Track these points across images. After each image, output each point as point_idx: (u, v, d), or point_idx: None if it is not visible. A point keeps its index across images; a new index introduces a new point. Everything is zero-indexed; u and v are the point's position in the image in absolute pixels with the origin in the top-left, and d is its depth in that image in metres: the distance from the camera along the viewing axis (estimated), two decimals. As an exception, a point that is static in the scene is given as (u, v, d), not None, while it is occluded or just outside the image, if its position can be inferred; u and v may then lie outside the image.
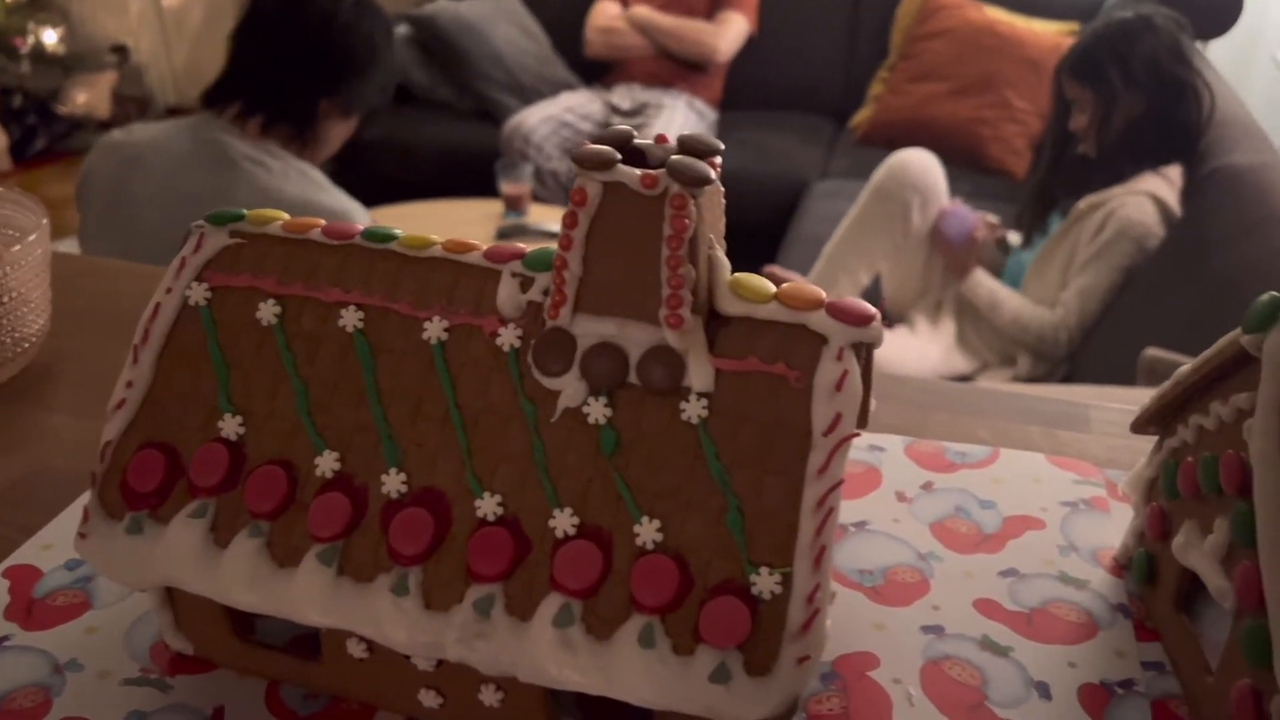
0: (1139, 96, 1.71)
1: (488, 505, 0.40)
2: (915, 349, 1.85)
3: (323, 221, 0.45)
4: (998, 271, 1.87)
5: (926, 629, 0.49)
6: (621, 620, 0.38)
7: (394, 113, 2.80)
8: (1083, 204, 1.76)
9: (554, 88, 2.76)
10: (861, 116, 2.77)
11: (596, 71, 2.83)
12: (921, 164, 1.86)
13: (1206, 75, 1.80)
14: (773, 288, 0.41)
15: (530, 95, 2.72)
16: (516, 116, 2.58)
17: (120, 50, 4.01)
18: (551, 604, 0.38)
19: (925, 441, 0.62)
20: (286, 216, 0.46)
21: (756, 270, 1.75)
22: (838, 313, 0.40)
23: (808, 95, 2.92)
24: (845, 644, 0.48)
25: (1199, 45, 2.39)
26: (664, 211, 0.38)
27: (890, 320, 1.96)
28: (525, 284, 0.42)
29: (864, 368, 0.44)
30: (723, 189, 0.42)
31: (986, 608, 0.50)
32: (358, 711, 0.45)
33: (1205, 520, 0.44)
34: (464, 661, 0.39)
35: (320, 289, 0.44)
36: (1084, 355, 1.77)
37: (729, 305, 0.41)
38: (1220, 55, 2.70)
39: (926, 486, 0.58)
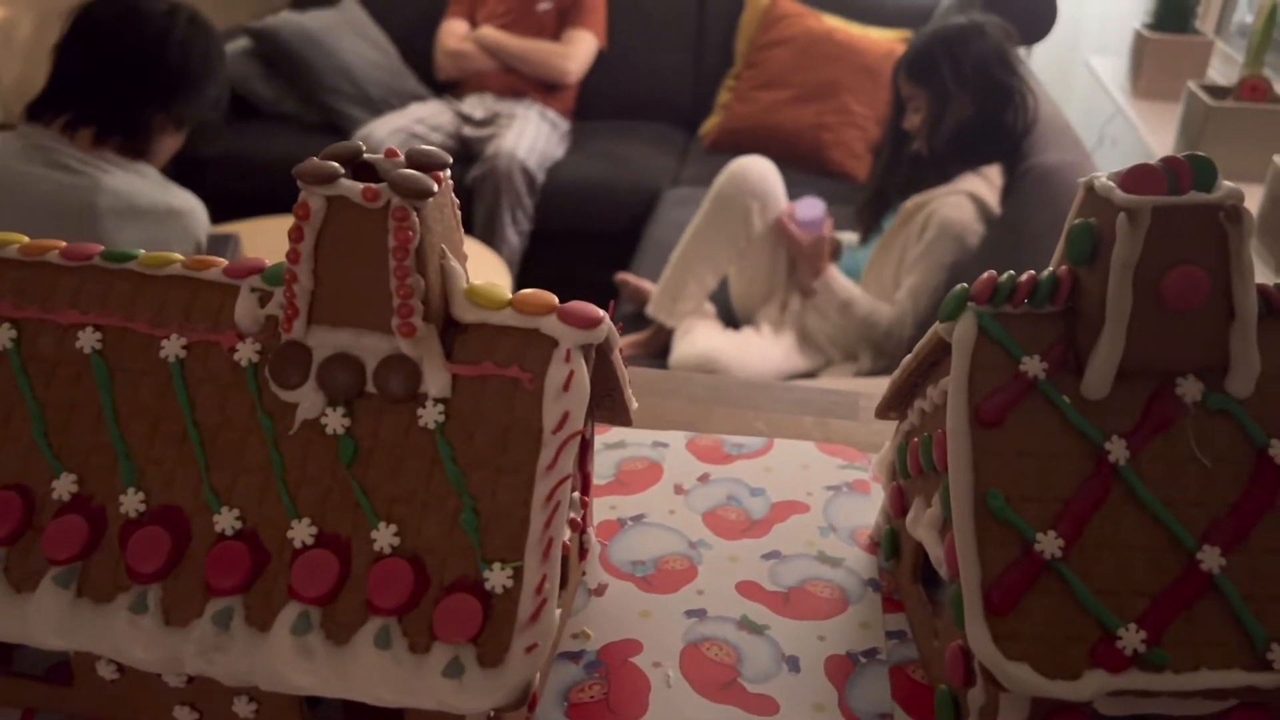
0: (968, 99, 1.79)
1: (226, 519, 0.40)
2: (759, 349, 1.90)
3: (62, 244, 0.45)
4: (833, 277, 1.94)
5: (690, 613, 0.51)
6: (359, 624, 0.39)
7: (237, 127, 2.72)
8: (910, 204, 1.84)
9: (403, 99, 2.73)
10: (710, 125, 2.83)
11: (447, 82, 2.81)
12: (759, 170, 1.91)
13: (1030, 82, 1.90)
14: (508, 295, 0.43)
15: (379, 107, 2.69)
16: (365, 128, 2.55)
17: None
18: (290, 613, 0.39)
19: (706, 436, 0.65)
20: (25, 239, 0.45)
21: (610, 278, 1.76)
22: (567, 317, 0.42)
23: (658, 105, 2.96)
24: (612, 633, 0.50)
25: (1022, 51, 2.53)
26: (388, 224, 0.39)
27: (738, 322, 2.01)
28: (264, 299, 0.43)
29: (606, 369, 0.46)
30: (456, 201, 0.43)
31: (748, 589, 0.53)
32: (115, 734, 0.44)
33: (928, 495, 0.48)
34: (204, 674, 0.39)
35: (57, 311, 0.43)
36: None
37: (465, 313, 0.42)
38: (1040, 61, 2.86)
39: (703, 478, 0.61)
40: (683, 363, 1.88)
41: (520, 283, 2.54)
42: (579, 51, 2.76)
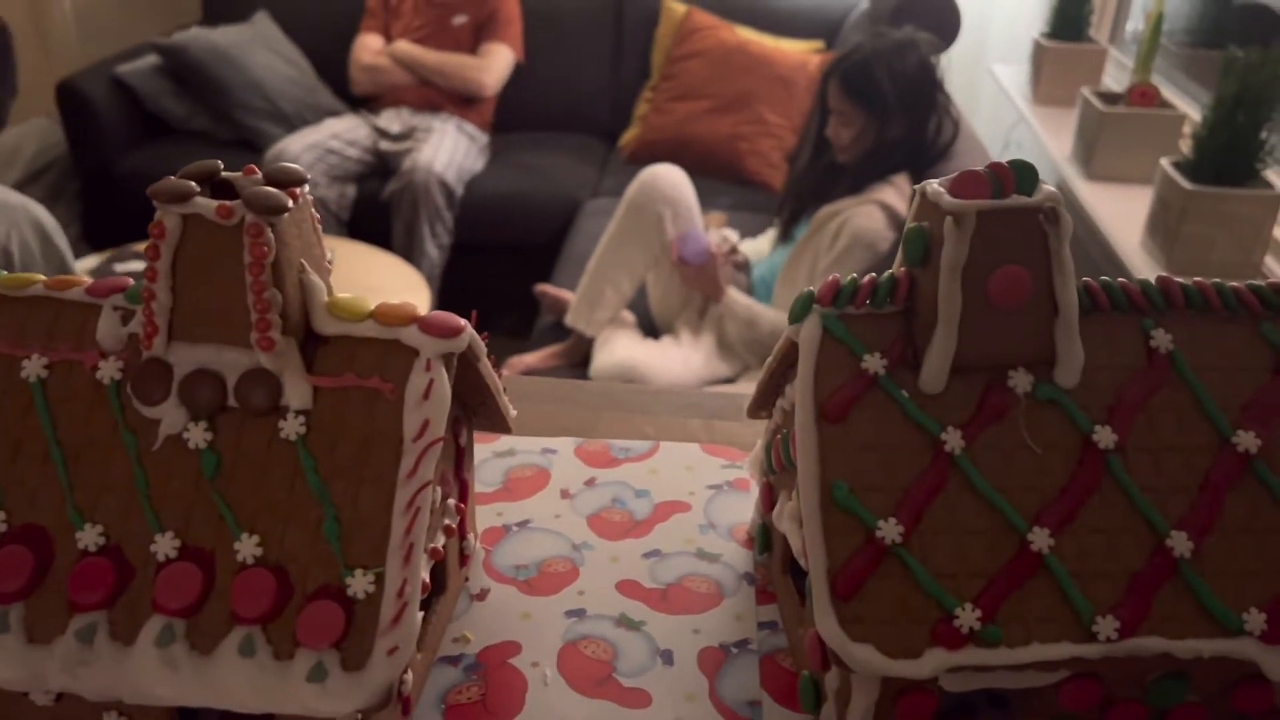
0: (902, 119, 1.80)
1: (89, 536, 0.40)
2: (680, 357, 1.92)
3: (-79, 266, 0.45)
4: (746, 289, 1.97)
5: (570, 613, 0.53)
6: (223, 634, 0.39)
7: (148, 144, 2.68)
8: (822, 213, 1.88)
9: (318, 114, 2.71)
10: (629, 136, 2.86)
11: (364, 97, 2.80)
12: (670, 178, 1.94)
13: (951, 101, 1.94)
14: (370, 306, 0.44)
15: (294, 122, 2.67)
16: (279, 145, 2.52)
17: None
18: (154, 625, 0.39)
19: (594, 441, 0.66)
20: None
21: (530, 289, 1.77)
22: (428, 327, 0.43)
23: (577, 116, 2.98)
24: (492, 635, 0.51)
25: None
26: (243, 240, 0.40)
27: (658, 331, 2.03)
28: (126, 317, 0.43)
29: (474, 378, 0.47)
30: (316, 215, 0.44)
31: (628, 588, 0.54)
32: (-16, 757, 0.44)
33: (790, 489, 0.50)
34: (69, 690, 0.39)
35: (-85, 334, 0.43)
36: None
37: (326, 325, 0.43)
38: (947, 69, 2.94)
39: (590, 482, 0.62)
40: (603, 372, 1.89)
41: (441, 297, 2.53)
42: (495, 64, 2.77)
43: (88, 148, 2.63)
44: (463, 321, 0.44)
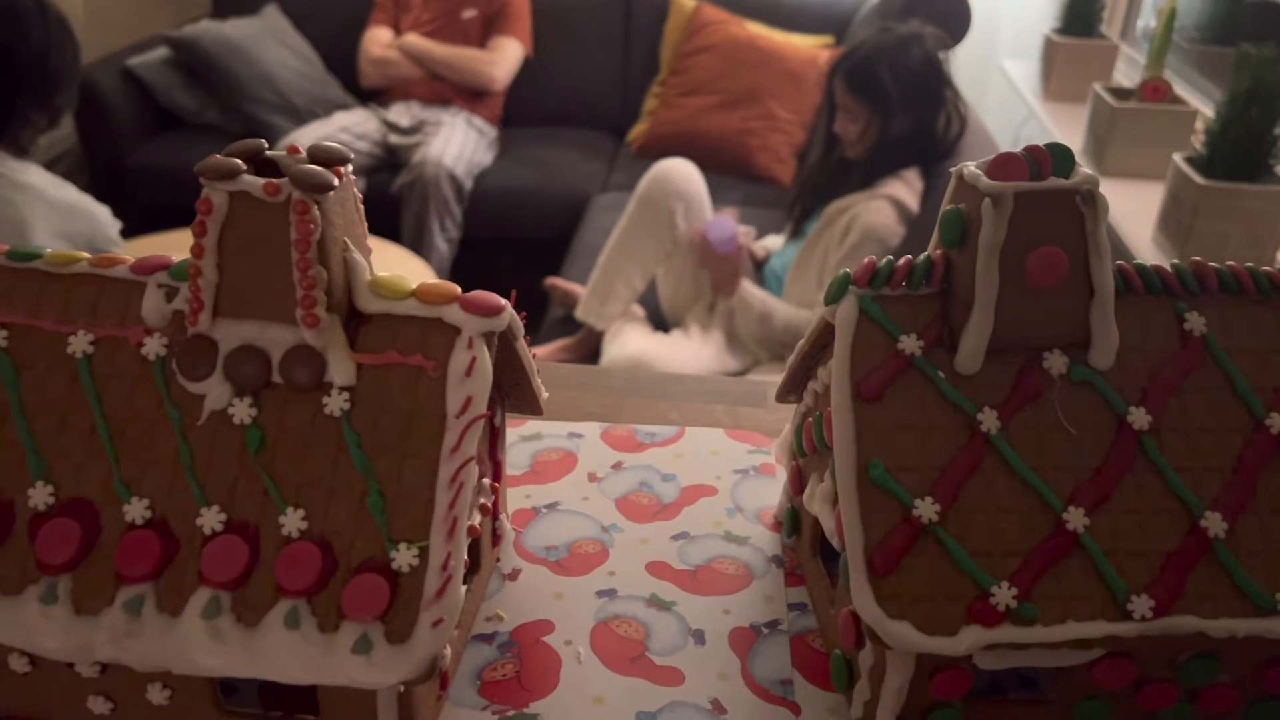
0: (909, 114, 1.81)
1: (135, 510, 0.41)
2: (690, 352, 1.93)
3: (-34, 244, 0.45)
4: (759, 282, 1.97)
5: (601, 593, 0.53)
6: (268, 606, 0.40)
7: (160, 137, 2.69)
8: (832, 208, 1.88)
9: (328, 108, 2.71)
10: (638, 131, 2.86)
11: (373, 90, 2.80)
12: (682, 172, 1.94)
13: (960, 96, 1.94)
14: (411, 285, 0.44)
15: (303, 116, 2.67)
16: (289, 138, 2.52)
17: None
18: (200, 597, 0.40)
19: (620, 425, 0.66)
20: (-73, 240, 0.46)
21: (540, 284, 1.78)
22: (469, 305, 0.43)
23: (586, 111, 2.98)
24: (525, 614, 0.52)
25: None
26: (289, 217, 0.41)
27: (667, 325, 2.04)
28: (170, 294, 0.44)
29: (512, 357, 0.48)
30: (359, 195, 0.44)
31: (657, 569, 0.55)
32: (28, 729, 0.45)
33: (821, 471, 0.50)
34: (116, 661, 0.40)
35: (-39, 310, 0.44)
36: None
37: (369, 304, 0.43)
38: (956, 65, 2.94)
39: (616, 466, 0.63)
40: (613, 366, 1.90)
41: (451, 290, 2.53)
42: (505, 58, 2.77)
43: (99, 140, 2.63)
44: (503, 301, 0.44)
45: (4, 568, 0.41)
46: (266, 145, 0.43)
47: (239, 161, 0.41)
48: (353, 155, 0.43)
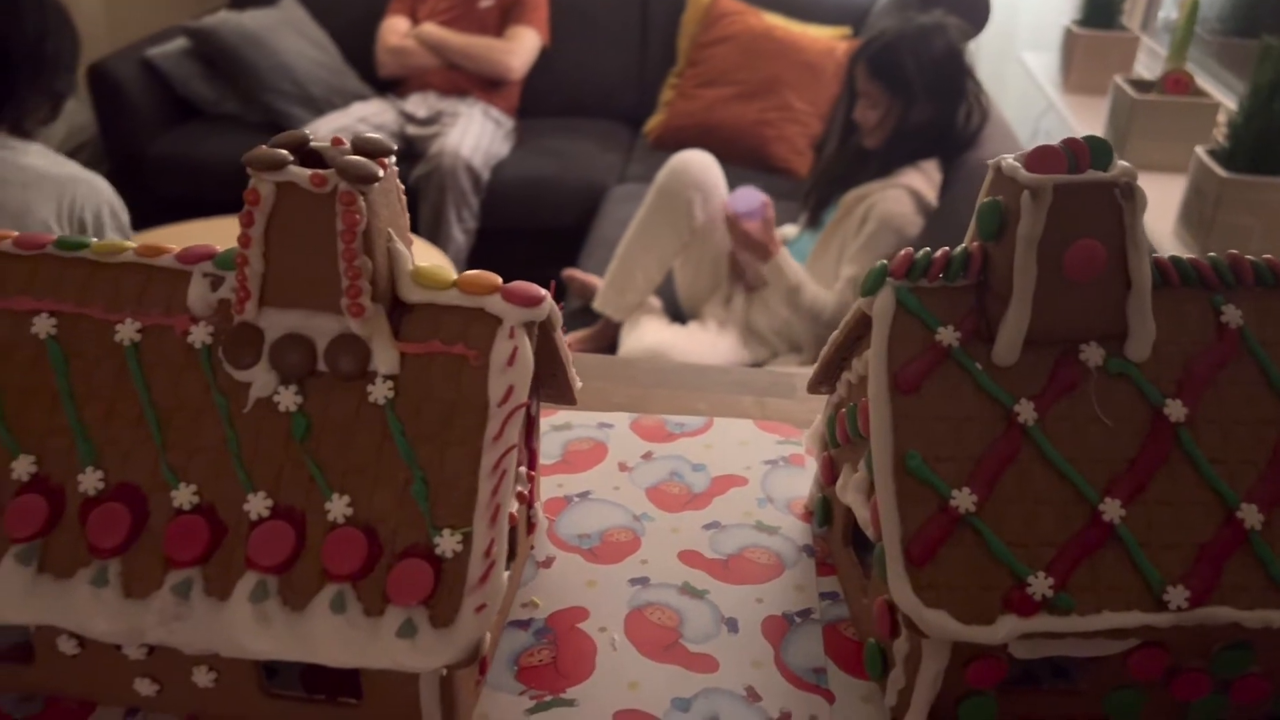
0: (929, 103, 1.81)
1: (183, 495, 0.42)
2: (708, 343, 1.93)
3: (14, 234, 0.46)
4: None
5: (634, 581, 0.54)
6: (315, 590, 0.41)
7: (178, 128, 2.70)
8: (849, 197, 1.88)
9: (346, 98, 2.72)
10: (654, 122, 2.86)
11: (390, 81, 2.81)
12: (700, 163, 1.94)
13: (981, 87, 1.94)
14: (453, 275, 0.44)
15: (321, 106, 2.68)
16: (307, 128, 2.51)
17: None
18: (248, 582, 0.41)
19: (649, 416, 0.67)
20: (-28, 230, 0.46)
21: (557, 275, 1.78)
22: (511, 296, 0.44)
23: (603, 102, 2.99)
24: (560, 601, 0.52)
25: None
26: (335, 208, 0.41)
27: (684, 317, 2.04)
28: (216, 283, 0.44)
29: (550, 347, 0.48)
30: (401, 186, 0.45)
31: (689, 558, 0.55)
32: (76, 709, 0.46)
33: (855, 462, 0.50)
34: (165, 643, 0.41)
35: (11, 298, 0.44)
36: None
37: (412, 293, 0.44)
38: (976, 56, 2.93)
39: (646, 456, 0.63)
40: (630, 357, 1.90)
41: (468, 280, 2.54)
42: (522, 48, 2.77)
43: (118, 131, 2.65)
44: (543, 291, 0.45)
45: (56, 552, 0.41)
46: (311, 136, 0.43)
47: (285, 153, 0.41)
48: (395, 147, 0.44)
